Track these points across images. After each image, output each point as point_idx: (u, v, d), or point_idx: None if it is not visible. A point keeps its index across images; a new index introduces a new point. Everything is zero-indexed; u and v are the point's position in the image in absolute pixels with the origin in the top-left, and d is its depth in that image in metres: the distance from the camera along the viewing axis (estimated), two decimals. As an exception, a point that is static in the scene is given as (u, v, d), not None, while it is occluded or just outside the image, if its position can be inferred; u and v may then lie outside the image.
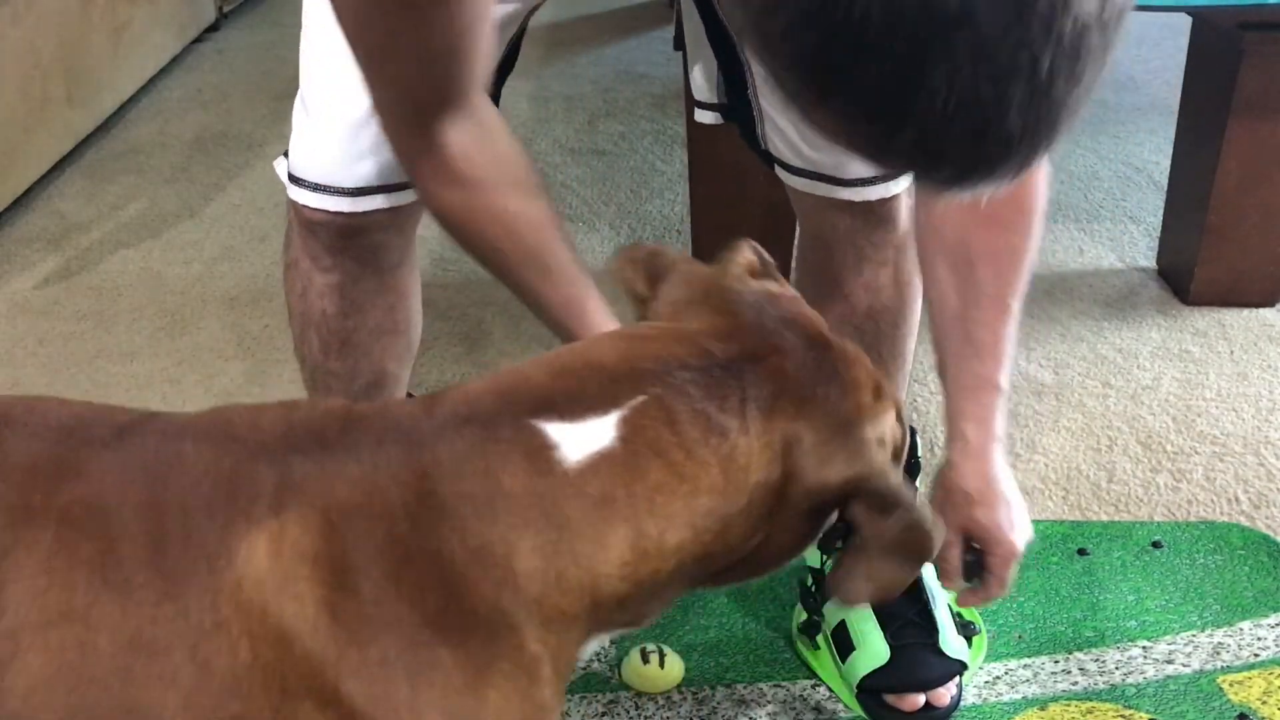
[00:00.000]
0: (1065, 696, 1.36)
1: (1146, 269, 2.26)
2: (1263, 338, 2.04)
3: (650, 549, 0.74)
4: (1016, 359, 1.96)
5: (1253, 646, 1.42)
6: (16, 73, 2.42)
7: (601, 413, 0.74)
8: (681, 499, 0.74)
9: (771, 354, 0.78)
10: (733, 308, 0.81)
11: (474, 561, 0.71)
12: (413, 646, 0.71)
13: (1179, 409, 1.85)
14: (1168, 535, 1.59)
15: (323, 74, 1.21)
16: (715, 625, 1.46)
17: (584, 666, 1.39)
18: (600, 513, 0.73)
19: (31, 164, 2.52)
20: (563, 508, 0.73)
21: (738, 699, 1.36)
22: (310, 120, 1.23)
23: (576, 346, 0.82)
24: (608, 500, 0.73)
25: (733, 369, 0.77)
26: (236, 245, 2.37)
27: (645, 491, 0.73)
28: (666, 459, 0.74)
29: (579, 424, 0.74)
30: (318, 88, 1.22)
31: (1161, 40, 3.34)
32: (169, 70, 3.22)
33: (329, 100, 1.21)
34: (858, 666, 1.34)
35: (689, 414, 0.75)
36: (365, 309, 1.31)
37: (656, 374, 0.76)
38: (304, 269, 1.29)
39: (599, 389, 0.76)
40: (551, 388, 0.76)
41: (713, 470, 0.75)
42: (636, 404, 0.74)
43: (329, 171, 1.21)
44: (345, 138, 1.20)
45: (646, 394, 0.75)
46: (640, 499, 0.73)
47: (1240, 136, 1.98)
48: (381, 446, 0.74)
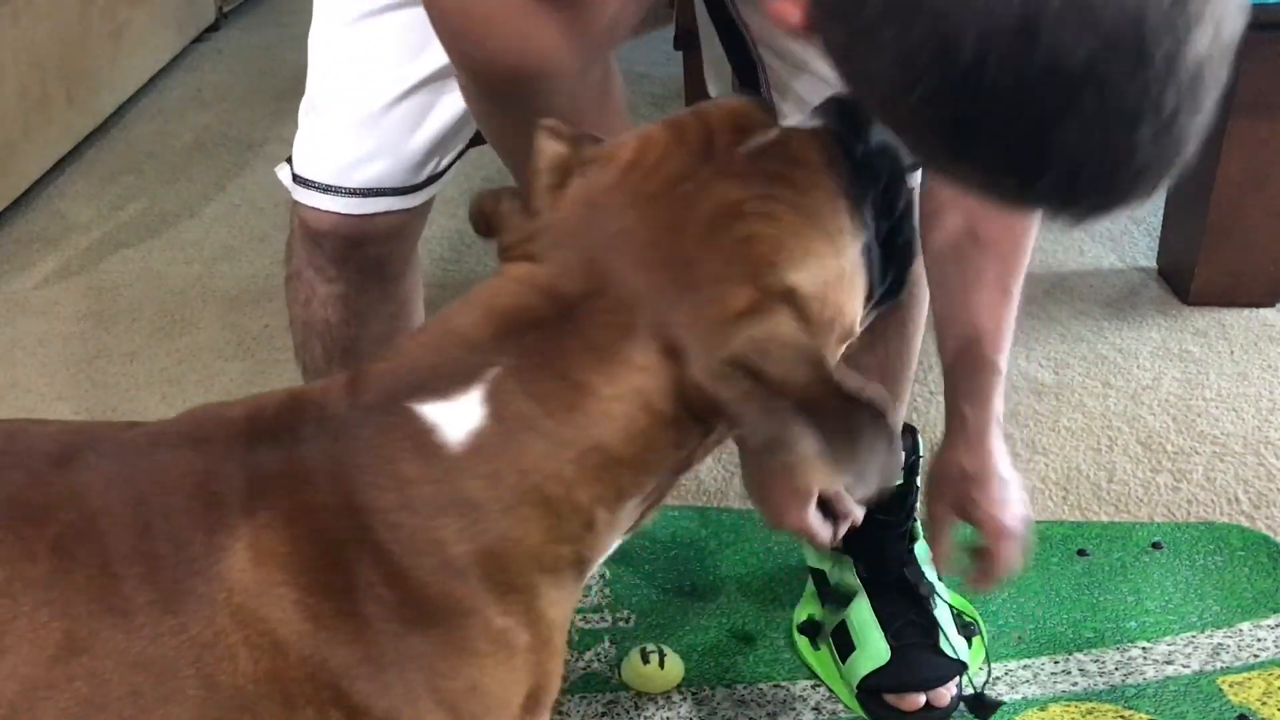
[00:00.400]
0: (1065, 697, 1.36)
1: (1147, 269, 2.26)
2: (1263, 338, 2.04)
3: (564, 510, 0.74)
4: (1017, 359, 1.97)
5: (1252, 647, 1.42)
6: (16, 73, 2.42)
7: (466, 388, 0.73)
8: (571, 462, 0.73)
9: (610, 283, 0.74)
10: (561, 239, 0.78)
11: (411, 552, 0.72)
12: (393, 639, 0.72)
13: (1179, 409, 1.85)
14: (1167, 536, 1.59)
15: (333, 74, 1.21)
16: (715, 625, 1.46)
17: (584, 667, 1.40)
18: (501, 489, 0.73)
19: (31, 164, 2.52)
20: (464, 490, 0.72)
21: (738, 699, 1.36)
22: (319, 120, 1.22)
23: (442, 312, 0.80)
24: (501, 477, 0.73)
25: (578, 314, 0.74)
26: (236, 245, 2.37)
27: (533, 463, 0.73)
28: (539, 430, 0.73)
29: (449, 402, 0.73)
30: (327, 88, 1.21)
31: (1162, 40, 3.34)
32: (169, 70, 3.22)
33: (339, 100, 1.20)
34: (858, 666, 1.34)
35: (547, 379, 0.73)
36: (368, 318, 1.31)
37: (508, 338, 0.74)
38: (307, 279, 1.28)
39: (460, 361, 0.74)
40: (422, 364, 0.76)
41: (591, 427, 0.73)
42: (494, 376, 0.73)
43: (337, 172, 1.21)
44: (355, 138, 1.20)
45: (501, 365, 0.73)
46: (531, 472, 0.73)
47: (1240, 136, 1.98)
48: (318, 440, 0.74)
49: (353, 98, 1.19)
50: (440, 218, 2.41)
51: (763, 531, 1.60)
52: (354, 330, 1.30)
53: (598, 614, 1.48)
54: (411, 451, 0.73)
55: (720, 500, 1.67)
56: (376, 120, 1.19)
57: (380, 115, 1.19)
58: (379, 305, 1.31)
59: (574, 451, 0.73)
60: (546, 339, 0.74)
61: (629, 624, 1.46)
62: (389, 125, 1.20)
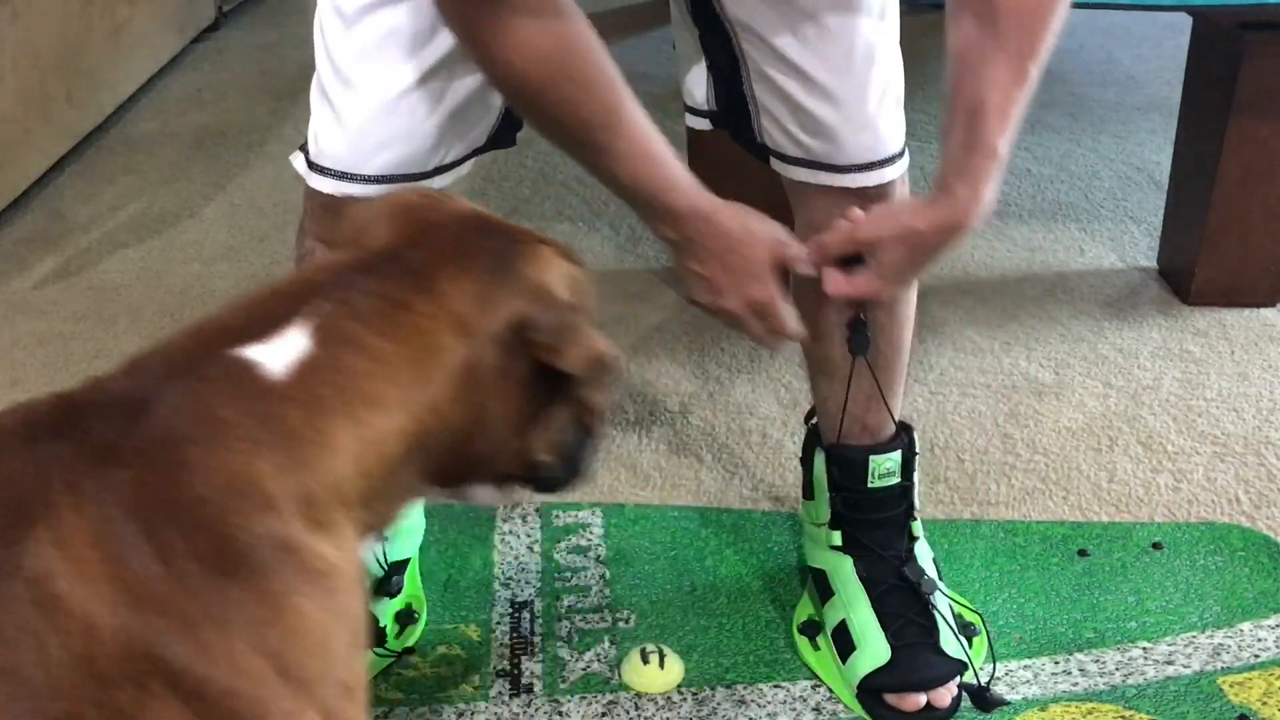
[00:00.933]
0: (1065, 697, 1.36)
1: (1147, 269, 2.26)
2: (1263, 338, 2.04)
3: (373, 436, 0.79)
4: (1017, 359, 1.97)
5: (1253, 647, 1.42)
6: (16, 73, 2.42)
7: (290, 325, 0.79)
8: (386, 380, 0.79)
9: (428, 232, 0.85)
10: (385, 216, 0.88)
11: (228, 496, 0.74)
12: (208, 596, 0.72)
13: (1179, 409, 1.85)
14: (1168, 536, 1.59)
15: (342, 64, 1.21)
16: (715, 625, 1.46)
17: (584, 667, 1.40)
18: (318, 413, 0.77)
19: (31, 164, 2.52)
20: (283, 420, 0.76)
21: (738, 699, 1.36)
22: (331, 110, 1.23)
23: (255, 288, 0.86)
24: (320, 400, 0.77)
25: (396, 256, 0.84)
26: (236, 245, 2.37)
27: (351, 382, 0.78)
28: (360, 347, 0.79)
29: (273, 341, 0.78)
30: (336, 79, 1.22)
31: (1161, 40, 3.34)
32: (169, 70, 3.22)
33: (350, 90, 1.21)
34: (858, 666, 1.34)
35: (370, 303, 0.80)
36: None
37: (332, 282, 0.82)
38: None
39: (284, 307, 0.80)
40: (239, 319, 0.81)
41: (406, 347, 0.80)
42: (321, 309, 0.80)
43: (351, 160, 1.22)
44: (367, 127, 1.21)
45: (328, 299, 0.80)
46: (349, 390, 0.78)
47: (1240, 136, 1.98)
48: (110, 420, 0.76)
49: (364, 87, 1.20)
50: (440, 218, 2.41)
51: (763, 531, 1.61)
52: None
53: (598, 614, 1.48)
54: (229, 393, 0.76)
55: (720, 500, 1.67)
56: (390, 108, 1.19)
57: (394, 103, 1.20)
58: None
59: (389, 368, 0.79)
60: (370, 276, 0.82)
61: (629, 624, 1.46)
62: (402, 113, 1.20)
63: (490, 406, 0.86)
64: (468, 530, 1.60)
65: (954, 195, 1.11)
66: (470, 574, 1.53)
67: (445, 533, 1.60)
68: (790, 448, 1.73)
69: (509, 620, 1.46)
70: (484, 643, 1.43)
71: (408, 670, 1.39)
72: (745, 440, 1.79)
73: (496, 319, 0.83)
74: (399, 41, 1.18)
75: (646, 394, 1.90)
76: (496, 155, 1.34)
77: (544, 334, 0.85)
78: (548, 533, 1.60)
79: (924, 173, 2.61)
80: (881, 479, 1.38)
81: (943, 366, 1.96)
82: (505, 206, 2.49)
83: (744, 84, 1.27)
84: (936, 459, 1.74)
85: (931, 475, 1.71)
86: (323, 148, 1.24)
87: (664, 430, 1.81)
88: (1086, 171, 2.64)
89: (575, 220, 2.43)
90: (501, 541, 1.59)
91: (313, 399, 0.77)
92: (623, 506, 1.65)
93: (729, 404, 1.87)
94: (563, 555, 1.57)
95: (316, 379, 0.78)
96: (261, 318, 0.80)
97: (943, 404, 1.87)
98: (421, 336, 0.81)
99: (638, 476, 1.71)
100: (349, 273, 0.83)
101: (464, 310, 0.83)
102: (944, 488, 1.69)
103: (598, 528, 1.61)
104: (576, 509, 1.65)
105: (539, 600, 1.49)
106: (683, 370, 1.94)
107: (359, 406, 0.78)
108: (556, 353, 0.85)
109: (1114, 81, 3.13)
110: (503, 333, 0.84)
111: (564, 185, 2.56)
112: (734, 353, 2.00)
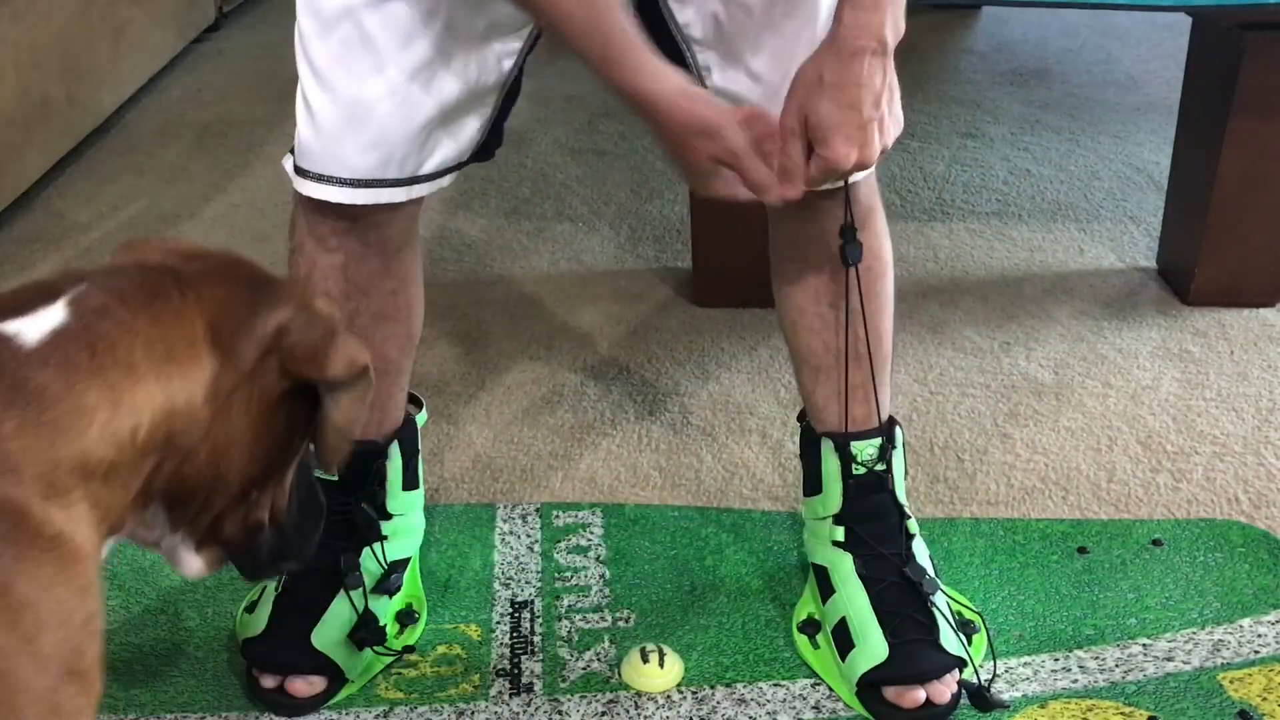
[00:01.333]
0: (1066, 694, 1.36)
1: (1146, 269, 2.26)
2: (1263, 338, 2.04)
3: (124, 404, 0.79)
4: (1017, 359, 1.97)
5: (1253, 644, 1.42)
6: (16, 73, 2.42)
7: (49, 302, 0.80)
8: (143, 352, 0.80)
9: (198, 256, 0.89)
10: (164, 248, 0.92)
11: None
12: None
13: (1179, 409, 1.86)
14: (1167, 533, 1.59)
15: (319, 68, 1.23)
16: (715, 625, 1.46)
17: (584, 667, 1.40)
18: (70, 375, 0.77)
19: (31, 164, 2.51)
20: (34, 381, 0.76)
21: (738, 699, 1.36)
22: (312, 117, 1.25)
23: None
24: (73, 363, 0.78)
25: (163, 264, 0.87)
26: (236, 245, 2.37)
27: (107, 349, 0.79)
28: (118, 320, 0.80)
29: (30, 315, 0.79)
30: (314, 81, 1.24)
31: (1161, 40, 3.34)
32: (169, 70, 3.22)
33: (325, 93, 1.23)
34: (857, 664, 1.34)
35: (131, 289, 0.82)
36: (369, 292, 1.33)
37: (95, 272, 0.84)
38: (308, 251, 1.31)
39: (43, 291, 0.82)
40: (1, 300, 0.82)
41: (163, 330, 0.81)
42: (81, 289, 0.81)
43: (325, 163, 1.24)
44: (341, 130, 1.23)
45: (88, 281, 0.82)
46: (102, 355, 0.79)
47: (1240, 136, 1.98)
48: None
49: (339, 90, 1.22)
50: (440, 218, 2.41)
51: (763, 531, 1.61)
52: (354, 304, 1.33)
53: (598, 614, 1.48)
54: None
55: (720, 500, 1.67)
56: (364, 113, 1.21)
57: (369, 107, 1.21)
58: (379, 279, 1.33)
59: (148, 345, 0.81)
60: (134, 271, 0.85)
61: (629, 624, 1.46)
62: (377, 117, 1.22)
63: (238, 424, 0.86)
64: (468, 530, 1.61)
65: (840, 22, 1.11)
66: (470, 574, 1.54)
67: (445, 533, 1.60)
68: (790, 448, 1.73)
69: (509, 620, 1.47)
70: (484, 642, 1.43)
71: (408, 670, 1.39)
72: (745, 440, 1.79)
73: (257, 322, 0.84)
74: (375, 46, 1.20)
75: (646, 394, 1.90)
76: (497, 155, 1.35)
77: (304, 340, 0.86)
78: (548, 532, 1.60)
79: (924, 172, 2.62)
80: (861, 465, 1.38)
81: (942, 366, 1.96)
82: (505, 206, 2.49)
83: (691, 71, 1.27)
84: (936, 459, 1.74)
85: (931, 475, 1.71)
86: (302, 149, 1.26)
87: (664, 430, 1.81)
88: (1086, 172, 2.64)
89: (575, 220, 2.43)
90: (501, 541, 1.59)
91: (65, 362, 0.77)
92: (623, 506, 1.66)
93: (729, 404, 1.87)
94: (563, 555, 1.57)
95: (71, 344, 0.78)
96: (23, 298, 0.81)
97: (942, 404, 1.87)
98: (180, 324, 0.82)
99: (638, 476, 1.71)
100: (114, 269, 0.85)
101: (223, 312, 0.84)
102: (944, 487, 1.69)
103: (598, 528, 1.62)
104: (576, 509, 1.65)
105: (539, 600, 1.50)
106: (683, 370, 1.94)
107: (113, 371, 0.79)
108: (316, 360, 0.86)
109: (1114, 81, 3.13)
110: (262, 337, 0.85)
111: (564, 185, 2.56)
112: (734, 353, 2.00)
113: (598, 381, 1.93)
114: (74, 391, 0.77)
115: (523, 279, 2.22)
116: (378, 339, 1.35)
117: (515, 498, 1.67)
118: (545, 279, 2.22)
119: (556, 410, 1.86)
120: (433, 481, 1.66)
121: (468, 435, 1.80)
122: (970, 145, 2.75)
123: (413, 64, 1.20)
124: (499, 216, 2.46)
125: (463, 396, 1.89)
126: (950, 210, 2.46)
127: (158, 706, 1.35)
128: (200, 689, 1.37)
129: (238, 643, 1.40)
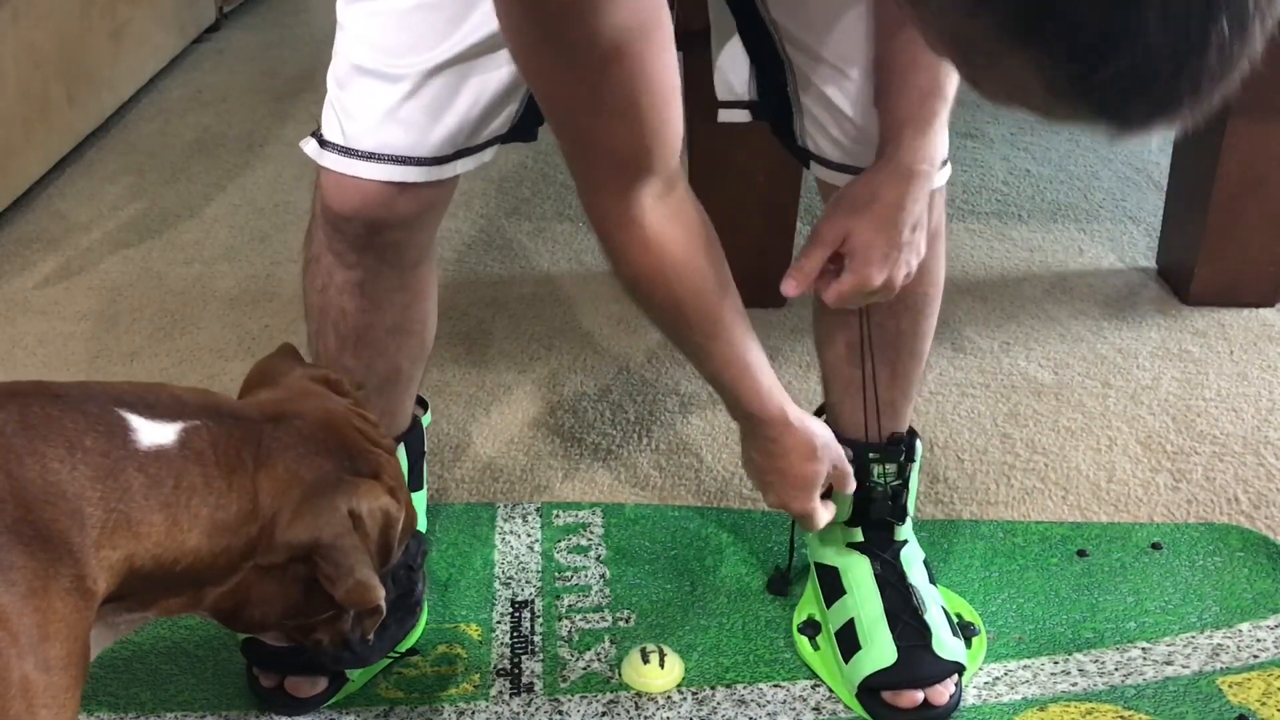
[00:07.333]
0: (1065, 697, 1.36)
1: (1146, 269, 2.26)
2: (1263, 338, 2.04)
3: (176, 538, 0.92)
4: (1016, 359, 1.97)
5: (1252, 648, 1.42)
6: (16, 73, 2.42)
7: (169, 420, 0.94)
8: (206, 505, 0.93)
9: (289, 420, 1.00)
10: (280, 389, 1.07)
11: (51, 492, 0.86)
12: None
13: (1179, 409, 1.86)
14: (1167, 537, 1.59)
15: (359, 53, 1.20)
16: (715, 625, 1.46)
17: (584, 667, 1.40)
18: (153, 491, 0.91)
19: (31, 164, 2.51)
20: (128, 476, 0.90)
21: (738, 699, 1.36)
22: (346, 95, 1.22)
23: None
24: (159, 483, 0.92)
25: (259, 424, 0.99)
26: (236, 245, 2.37)
27: (185, 487, 0.93)
28: (203, 470, 0.94)
29: (152, 421, 0.94)
30: (352, 67, 1.21)
31: (1161, 40, 3.33)
32: (169, 70, 3.22)
33: (366, 80, 1.20)
34: (862, 666, 1.34)
35: (224, 444, 0.96)
36: (383, 306, 1.32)
37: (212, 410, 0.98)
38: (325, 264, 1.29)
39: (170, 406, 0.96)
40: (133, 393, 0.95)
41: (228, 492, 0.95)
42: (194, 424, 0.95)
43: (363, 137, 1.21)
44: (383, 112, 1.20)
45: (201, 421, 0.96)
46: (180, 492, 0.92)
47: (1240, 136, 1.98)
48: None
49: (380, 78, 1.19)
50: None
51: (763, 531, 1.61)
52: (368, 318, 1.31)
53: (598, 614, 1.48)
54: (100, 432, 0.91)
55: (720, 500, 1.67)
56: (404, 98, 1.19)
57: (409, 94, 1.19)
58: (394, 294, 1.32)
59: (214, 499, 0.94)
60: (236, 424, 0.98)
61: (629, 624, 1.46)
62: (416, 104, 1.19)
63: (259, 584, 0.99)
64: (468, 530, 1.61)
65: (900, 146, 1.13)
66: (470, 574, 1.54)
67: (446, 533, 1.60)
68: (790, 448, 1.72)
69: (509, 620, 1.47)
70: (484, 642, 1.43)
71: (408, 669, 1.39)
72: (745, 440, 1.79)
73: (295, 533, 0.96)
74: (413, 37, 1.18)
75: (646, 394, 1.90)
76: (497, 156, 1.34)
77: (326, 564, 0.98)
78: (548, 532, 1.61)
79: (924, 173, 2.61)
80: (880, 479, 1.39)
81: (942, 366, 1.96)
82: (505, 206, 2.49)
83: (788, 85, 1.26)
84: (936, 459, 1.74)
85: (931, 475, 1.71)
86: (333, 128, 1.23)
87: (664, 430, 1.81)
88: (1086, 171, 2.64)
89: (575, 220, 2.43)
90: (502, 541, 1.59)
91: (155, 479, 0.91)
92: (623, 506, 1.66)
93: (729, 404, 1.87)
94: (563, 555, 1.57)
95: (165, 468, 0.92)
96: (153, 403, 0.95)
97: (942, 404, 1.87)
98: (242, 499, 0.95)
99: (638, 476, 1.71)
100: (224, 412, 0.99)
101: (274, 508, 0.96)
102: (944, 487, 1.69)
103: (598, 528, 1.62)
104: (576, 509, 1.65)
105: (539, 600, 1.50)
106: (683, 370, 1.94)
107: (180, 509, 0.92)
108: (331, 582, 0.98)
109: (1114, 82, 3.13)
110: (296, 546, 0.97)
111: (564, 185, 2.56)
112: (734, 353, 2.00)
113: (598, 381, 1.93)
114: (148, 507, 0.91)
115: (523, 279, 2.22)
116: (391, 350, 1.34)
117: (515, 497, 1.67)
118: (545, 279, 2.22)
119: (556, 410, 1.86)
120: (433, 481, 1.66)
121: (468, 435, 1.80)
122: (970, 145, 2.75)
123: (453, 52, 1.18)
124: (499, 216, 2.46)
125: (463, 396, 1.89)
126: (950, 210, 2.45)
127: (158, 705, 1.35)
128: (200, 688, 1.37)
129: (238, 642, 1.40)
